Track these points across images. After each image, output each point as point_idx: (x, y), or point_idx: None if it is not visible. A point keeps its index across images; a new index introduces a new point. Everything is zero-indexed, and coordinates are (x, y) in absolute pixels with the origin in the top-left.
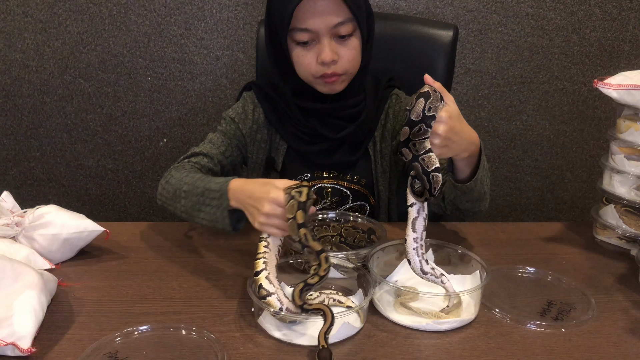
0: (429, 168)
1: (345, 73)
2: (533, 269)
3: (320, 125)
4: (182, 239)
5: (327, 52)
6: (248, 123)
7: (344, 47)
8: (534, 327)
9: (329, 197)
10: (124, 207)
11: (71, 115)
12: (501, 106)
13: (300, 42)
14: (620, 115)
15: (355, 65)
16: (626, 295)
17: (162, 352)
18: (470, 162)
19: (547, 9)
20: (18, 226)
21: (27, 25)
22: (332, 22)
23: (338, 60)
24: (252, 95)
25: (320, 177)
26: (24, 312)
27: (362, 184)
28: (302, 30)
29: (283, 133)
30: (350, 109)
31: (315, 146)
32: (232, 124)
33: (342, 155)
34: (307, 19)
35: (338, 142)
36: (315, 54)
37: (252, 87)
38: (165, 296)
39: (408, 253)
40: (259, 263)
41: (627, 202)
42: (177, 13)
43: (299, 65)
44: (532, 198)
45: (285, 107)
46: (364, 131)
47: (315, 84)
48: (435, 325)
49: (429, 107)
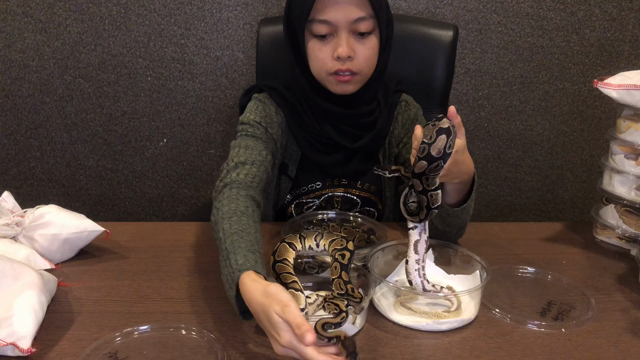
0: (433, 205)
1: (360, 73)
2: (533, 269)
3: (335, 132)
4: (182, 239)
5: (344, 46)
6: (274, 127)
7: (362, 45)
8: (534, 327)
9: (339, 205)
10: (124, 207)
11: (71, 115)
12: (501, 106)
13: (317, 34)
14: (620, 115)
15: (370, 67)
16: (626, 295)
17: (162, 352)
18: (459, 188)
19: (547, 9)
20: (18, 226)
21: (27, 25)
22: (352, 16)
23: (354, 58)
24: (268, 97)
25: (332, 186)
26: (24, 312)
27: (372, 191)
28: (321, 22)
29: (300, 139)
30: (366, 117)
31: (330, 157)
32: (260, 128)
33: (355, 165)
34: (328, 10)
35: (352, 152)
36: (332, 49)
37: (266, 89)
38: (165, 296)
39: (410, 274)
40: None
41: (627, 202)
42: (177, 13)
43: (314, 60)
44: (532, 198)
45: (301, 112)
46: (379, 140)
47: (327, 83)
48: (435, 325)
49: (449, 144)
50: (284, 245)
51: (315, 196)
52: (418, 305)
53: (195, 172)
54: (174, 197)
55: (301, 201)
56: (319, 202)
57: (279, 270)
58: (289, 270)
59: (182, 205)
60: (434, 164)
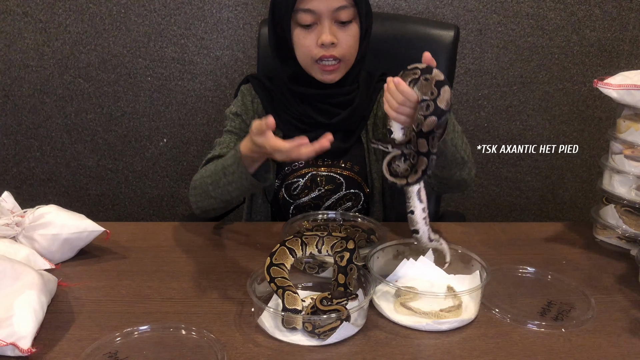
0: (429, 170)
1: (343, 59)
2: (533, 269)
3: (314, 111)
4: (182, 239)
5: (327, 33)
6: (250, 114)
7: (344, 32)
8: (534, 327)
9: (323, 184)
10: (124, 207)
11: (71, 115)
12: (501, 106)
13: (302, 24)
14: (620, 115)
15: (352, 53)
16: (626, 295)
17: (162, 352)
18: None
19: (547, 9)
20: (18, 226)
21: (27, 25)
22: (334, 4)
23: (337, 45)
24: (249, 87)
25: (315, 165)
26: (24, 312)
27: (356, 171)
28: (305, 11)
29: (278, 122)
30: (344, 96)
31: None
32: (237, 119)
33: (335, 142)
34: (311, 0)
35: (332, 129)
36: (316, 37)
37: (250, 79)
38: (165, 296)
39: (417, 224)
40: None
41: (627, 202)
42: (177, 13)
43: (299, 48)
44: (532, 198)
45: (280, 96)
46: (357, 118)
47: (312, 71)
48: (435, 325)
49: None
50: (284, 250)
51: (299, 175)
52: (418, 305)
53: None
54: (174, 197)
55: (287, 182)
56: (303, 181)
57: (274, 274)
58: (284, 275)
59: (182, 205)
60: (444, 117)
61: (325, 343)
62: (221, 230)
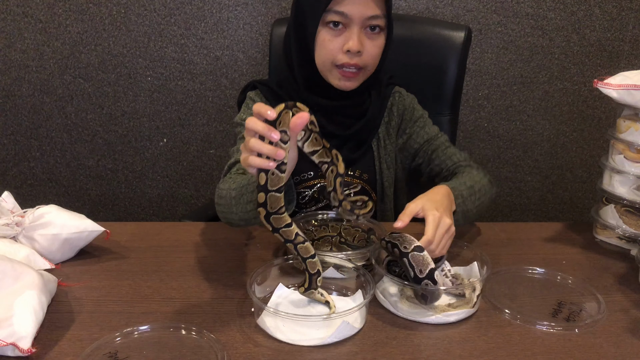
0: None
1: (365, 68)
2: (542, 269)
3: (328, 122)
4: (182, 239)
5: (356, 40)
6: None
7: (371, 42)
8: (534, 326)
9: None
10: (124, 207)
11: (71, 115)
12: (501, 106)
13: (331, 25)
14: (620, 115)
15: (375, 64)
16: (626, 295)
17: (162, 352)
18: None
19: (547, 9)
20: (18, 226)
21: (27, 25)
22: (368, 12)
23: (363, 53)
24: (259, 94)
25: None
26: (24, 312)
27: (365, 179)
28: (337, 12)
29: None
30: (356, 107)
31: None
32: None
33: (346, 152)
34: (346, 3)
35: (343, 139)
36: (343, 41)
37: (258, 85)
38: (165, 296)
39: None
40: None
41: (627, 202)
42: (177, 13)
43: (322, 49)
44: (532, 198)
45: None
46: (370, 128)
47: (330, 75)
48: (443, 317)
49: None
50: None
51: (308, 186)
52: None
53: (195, 172)
54: (174, 197)
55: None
56: (311, 192)
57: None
58: (288, 222)
59: (182, 205)
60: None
61: (325, 343)
62: (221, 230)
